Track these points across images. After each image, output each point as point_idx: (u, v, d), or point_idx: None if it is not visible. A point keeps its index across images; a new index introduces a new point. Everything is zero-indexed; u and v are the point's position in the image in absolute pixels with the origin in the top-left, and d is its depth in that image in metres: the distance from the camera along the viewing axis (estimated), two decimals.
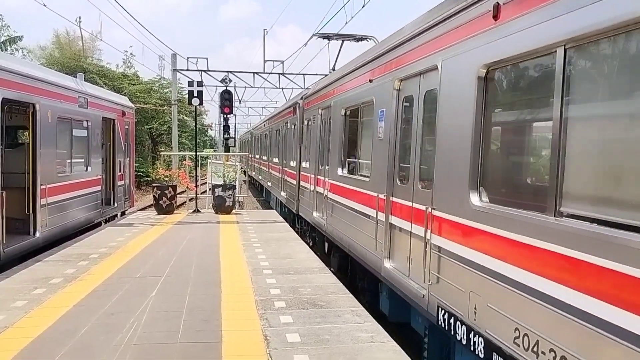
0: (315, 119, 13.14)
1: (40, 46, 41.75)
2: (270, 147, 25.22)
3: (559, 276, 3.67)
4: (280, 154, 20.61)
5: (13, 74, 9.46)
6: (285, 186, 18.62)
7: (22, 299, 6.74)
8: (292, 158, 17.11)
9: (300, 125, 15.36)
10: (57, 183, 11.25)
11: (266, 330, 5.66)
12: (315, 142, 12.87)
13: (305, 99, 15.15)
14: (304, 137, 15.09)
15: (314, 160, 13.03)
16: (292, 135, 17.20)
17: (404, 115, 7.06)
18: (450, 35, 5.55)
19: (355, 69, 9.47)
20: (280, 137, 20.81)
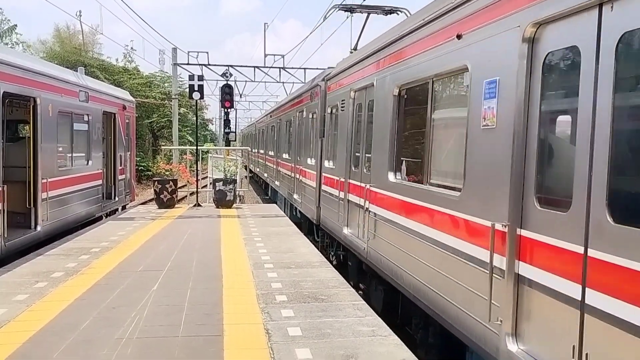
0: (344, 105, 10.25)
1: (41, 40, 41.69)
2: (278, 141, 21.78)
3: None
4: (292, 149, 17.17)
5: (14, 67, 9.44)
6: (299, 188, 15.21)
7: (23, 292, 6.75)
8: (309, 155, 13.85)
9: (321, 113, 12.32)
10: (58, 177, 11.25)
11: (267, 324, 5.67)
12: (345, 135, 10.00)
13: (329, 80, 11.98)
14: (326, 129, 12.25)
15: (343, 160, 10.15)
16: (309, 127, 13.96)
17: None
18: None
19: (430, 20, 6.20)
20: (293, 129, 17.16)
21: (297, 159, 15.92)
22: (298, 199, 15.38)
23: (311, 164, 13.55)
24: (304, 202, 14.30)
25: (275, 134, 23.48)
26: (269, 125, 27.20)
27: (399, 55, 7.24)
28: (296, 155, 16.22)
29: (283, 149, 20.11)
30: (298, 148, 16.10)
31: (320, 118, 12.39)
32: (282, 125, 20.76)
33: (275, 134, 23.48)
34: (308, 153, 14.15)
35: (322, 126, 12.33)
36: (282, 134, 20.80)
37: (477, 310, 4.79)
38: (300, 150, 15.59)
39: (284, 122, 20.16)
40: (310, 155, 13.86)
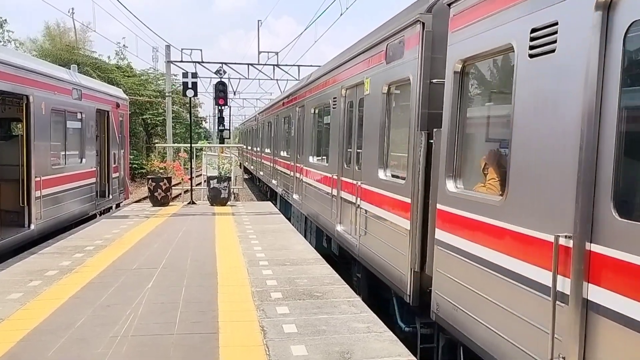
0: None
1: (31, 39, 41.44)
2: (297, 139, 14.89)
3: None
4: (329, 152, 10.81)
5: (6, 65, 9.39)
6: (345, 213, 9.60)
7: (17, 291, 6.72)
8: (371, 163, 7.95)
9: (424, 79, 6.27)
10: (51, 175, 11.20)
11: (263, 321, 5.68)
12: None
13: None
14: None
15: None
16: (381, 115, 7.62)
17: None
18: None
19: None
20: (335, 121, 10.23)
21: (344, 170, 9.69)
22: (342, 230, 9.68)
23: (384, 179, 7.55)
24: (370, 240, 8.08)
25: (290, 129, 16.33)
26: (278, 117, 19.95)
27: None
28: (340, 161, 9.92)
29: (308, 151, 13.26)
30: (341, 150, 9.87)
31: (420, 91, 6.21)
32: (303, 117, 13.90)
33: (290, 130, 16.36)
34: (370, 161, 8.02)
35: (425, 106, 6.30)
36: (304, 130, 13.73)
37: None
38: (341, 154, 9.84)
39: (309, 114, 13.16)
40: (372, 165, 7.92)
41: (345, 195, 9.44)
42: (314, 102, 12.67)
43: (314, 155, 12.68)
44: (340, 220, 9.85)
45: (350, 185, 9.11)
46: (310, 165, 12.80)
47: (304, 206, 13.60)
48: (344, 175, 9.65)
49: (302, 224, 14.44)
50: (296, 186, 14.91)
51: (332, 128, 10.51)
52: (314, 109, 12.76)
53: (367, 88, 8.10)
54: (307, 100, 13.42)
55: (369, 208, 7.99)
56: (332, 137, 10.46)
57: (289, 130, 16.75)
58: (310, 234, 13.38)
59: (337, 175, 9.88)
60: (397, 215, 6.81)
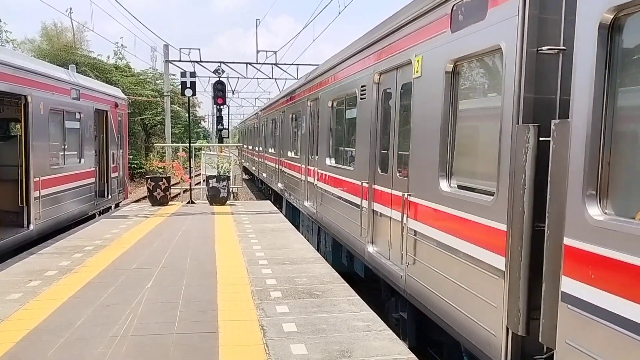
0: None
1: (29, 39, 41.42)
2: (310, 138, 12.92)
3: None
4: (355, 153, 8.85)
5: (4, 65, 9.38)
6: (380, 230, 7.74)
7: (17, 291, 6.72)
8: (426, 169, 5.94)
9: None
10: (50, 175, 11.20)
11: (262, 320, 5.68)
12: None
13: None
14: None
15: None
16: (442, 104, 5.62)
17: None
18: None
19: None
20: (364, 116, 8.30)
21: (397, 181, 7.07)
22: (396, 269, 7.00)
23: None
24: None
25: (307, 126, 13.27)
26: (287, 112, 17.12)
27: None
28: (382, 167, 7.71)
29: (341, 157, 10.35)
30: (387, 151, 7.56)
31: (521, 66, 4.37)
32: (326, 108, 11.00)
33: (306, 127, 13.35)
34: (429, 165, 5.95)
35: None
36: (330, 127, 10.84)
37: None
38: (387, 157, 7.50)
39: (333, 102, 10.65)
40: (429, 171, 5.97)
41: (381, 208, 7.54)
42: (332, 93, 10.54)
43: (332, 157, 10.63)
44: (372, 239, 7.85)
45: (386, 196, 7.25)
46: (327, 169, 10.72)
47: (318, 215, 11.54)
48: (377, 183, 7.70)
49: (314, 235, 12.52)
50: (308, 192, 12.94)
51: (360, 124, 8.46)
52: (332, 102, 10.60)
53: (417, 69, 6.13)
54: (323, 92, 11.26)
55: (424, 230, 5.85)
56: (359, 135, 8.47)
57: (299, 128, 14.67)
58: (325, 247, 11.46)
59: (368, 183, 7.88)
60: (479, 247, 4.76)
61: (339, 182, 9.72)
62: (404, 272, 6.40)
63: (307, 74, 14.21)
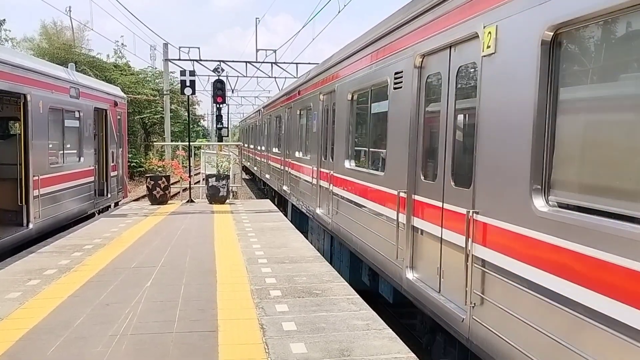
0: None
1: (28, 38, 41.39)
2: (322, 137, 11.58)
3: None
4: (386, 157, 7.40)
5: (3, 64, 9.36)
6: (426, 254, 6.19)
7: (16, 290, 6.71)
8: (512, 178, 4.37)
9: None
10: (49, 174, 11.19)
11: (262, 319, 5.67)
12: None
13: None
14: None
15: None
16: (534, 88, 4.12)
17: None
18: None
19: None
20: (398, 110, 6.88)
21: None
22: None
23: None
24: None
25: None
26: (294, 109, 15.77)
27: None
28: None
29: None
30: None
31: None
32: (344, 101, 9.58)
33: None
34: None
35: None
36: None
37: None
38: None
39: (353, 95, 9.28)
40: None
41: (425, 225, 6.04)
42: (352, 84, 9.08)
43: (351, 159, 9.26)
44: (411, 262, 6.36)
45: (433, 211, 5.79)
46: (346, 173, 9.29)
47: (333, 226, 10.12)
48: (420, 193, 6.20)
49: (326, 246, 11.38)
50: (320, 197, 11.56)
51: (393, 120, 7.05)
52: (353, 95, 9.19)
53: (489, 43, 4.69)
54: (341, 83, 9.79)
55: (502, 263, 4.41)
56: (392, 133, 7.05)
57: (309, 125, 13.29)
58: (340, 260, 10.17)
59: (406, 192, 6.39)
60: (624, 304, 3.19)
61: (363, 189, 8.30)
62: (466, 315, 4.94)
63: (320, 64, 12.44)
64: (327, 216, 10.65)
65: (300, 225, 13.62)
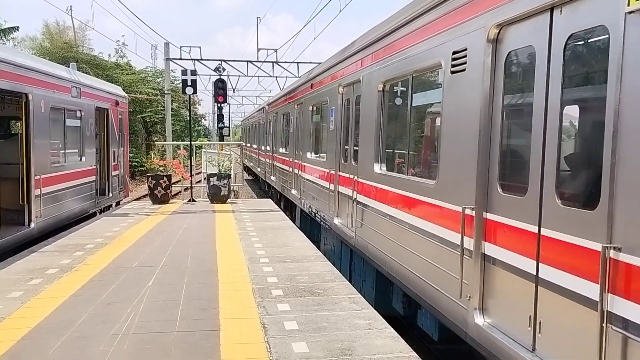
0: None
1: (30, 37, 41.43)
2: (341, 137, 10.21)
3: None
4: (439, 163, 5.85)
5: (5, 63, 9.37)
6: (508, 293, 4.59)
7: (18, 289, 6.72)
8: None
9: None
10: (51, 173, 11.19)
11: (264, 318, 5.67)
12: None
13: None
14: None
15: None
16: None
17: None
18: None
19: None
20: (455, 101, 5.51)
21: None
22: None
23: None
24: None
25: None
26: (305, 105, 14.06)
27: None
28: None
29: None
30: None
31: None
32: (371, 95, 8.24)
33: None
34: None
35: None
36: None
37: None
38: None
39: (385, 85, 7.89)
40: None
41: (508, 257, 4.52)
42: (384, 73, 7.55)
43: (382, 163, 7.84)
44: (481, 303, 4.86)
45: (521, 237, 4.33)
46: (375, 179, 7.84)
47: (358, 240, 8.61)
48: (496, 211, 4.72)
49: (345, 260, 10.04)
50: (338, 205, 10.01)
51: (448, 114, 5.61)
52: (384, 85, 7.71)
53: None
54: (368, 72, 8.33)
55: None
56: (448, 132, 5.62)
57: (323, 123, 12.02)
58: (361, 277, 8.94)
59: (474, 209, 4.92)
60: None
61: (401, 200, 6.72)
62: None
63: (339, 53, 10.88)
64: (349, 228, 9.16)
65: (311, 233, 12.67)
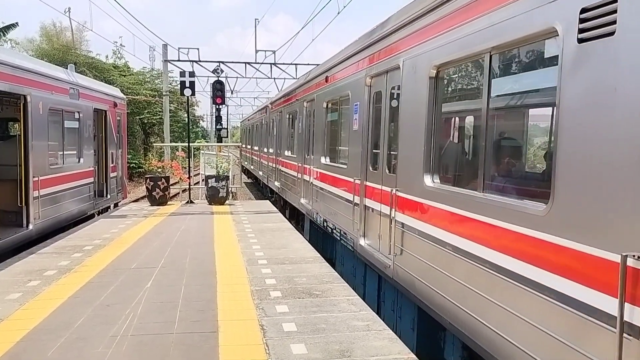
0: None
1: (28, 39, 41.36)
2: (368, 139, 8.33)
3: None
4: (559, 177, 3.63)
5: (3, 65, 9.37)
6: None
7: (16, 291, 6.71)
8: None
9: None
10: (49, 175, 11.18)
11: (262, 320, 5.68)
12: None
13: None
14: None
15: None
16: None
17: None
18: None
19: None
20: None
21: None
22: None
23: None
24: None
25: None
26: (316, 102, 12.18)
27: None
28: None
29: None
30: None
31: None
32: (419, 81, 6.17)
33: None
34: None
35: None
36: None
37: None
38: None
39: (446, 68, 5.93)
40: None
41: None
42: (440, 54, 5.62)
43: (433, 174, 5.85)
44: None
45: None
46: (427, 196, 5.83)
47: (399, 271, 6.56)
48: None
49: (370, 287, 8.39)
50: (364, 222, 8.22)
51: (572, 108, 3.56)
52: (438, 71, 5.83)
53: None
54: (413, 56, 6.30)
55: None
56: (572, 135, 3.56)
57: (343, 122, 10.18)
58: (395, 312, 7.28)
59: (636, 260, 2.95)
60: None
61: (479, 228, 4.69)
62: None
63: (362, 38, 8.79)
64: (384, 255, 7.18)
65: (323, 249, 11.26)
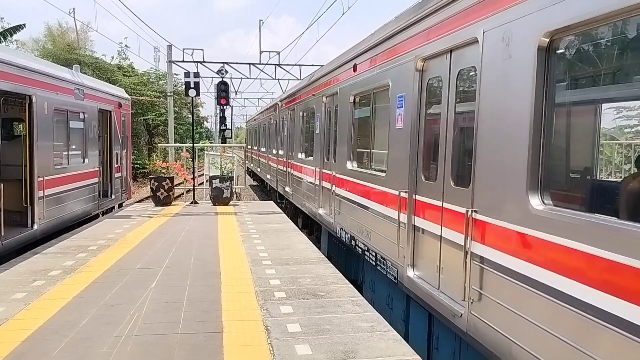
0: None
1: (34, 39, 41.49)
2: (429, 145, 6.24)
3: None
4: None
5: (9, 65, 9.39)
6: None
7: (21, 291, 6.73)
8: None
9: None
10: (54, 175, 11.21)
11: (267, 321, 5.68)
12: None
13: None
14: None
15: None
16: None
17: None
18: None
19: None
20: None
21: None
22: None
23: None
24: None
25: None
26: (340, 96, 10.16)
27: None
28: None
29: None
30: None
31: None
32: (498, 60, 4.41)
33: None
34: None
35: None
36: None
37: None
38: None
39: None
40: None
41: None
42: (548, 19, 3.80)
43: (544, 193, 3.99)
44: None
45: None
46: (522, 220, 4.09)
47: (480, 328, 4.71)
48: None
49: (422, 330, 6.44)
50: (413, 248, 6.43)
51: None
52: (551, 39, 3.88)
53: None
54: (514, 17, 4.23)
55: None
56: None
57: (376, 120, 8.46)
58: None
59: None
60: None
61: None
62: None
63: (412, 9, 6.62)
64: (453, 299, 5.35)
65: (346, 269, 9.71)
